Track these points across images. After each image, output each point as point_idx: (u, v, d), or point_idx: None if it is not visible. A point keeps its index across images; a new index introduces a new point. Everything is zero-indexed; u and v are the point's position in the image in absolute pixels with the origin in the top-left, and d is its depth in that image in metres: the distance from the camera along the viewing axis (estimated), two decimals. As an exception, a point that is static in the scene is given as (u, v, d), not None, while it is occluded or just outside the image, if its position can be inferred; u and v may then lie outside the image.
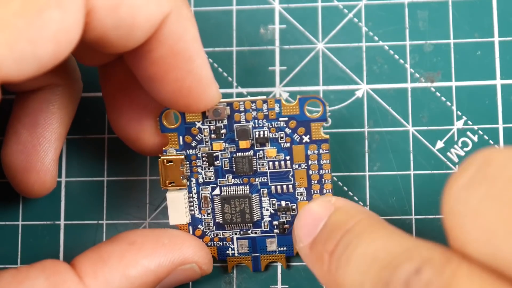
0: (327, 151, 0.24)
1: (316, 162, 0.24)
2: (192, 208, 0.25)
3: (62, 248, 0.27)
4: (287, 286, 0.26)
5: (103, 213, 0.27)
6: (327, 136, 0.24)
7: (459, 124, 0.27)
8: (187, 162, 0.25)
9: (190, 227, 0.25)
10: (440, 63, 0.27)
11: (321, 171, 0.25)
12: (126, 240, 0.22)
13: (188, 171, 0.25)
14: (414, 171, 0.26)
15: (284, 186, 0.25)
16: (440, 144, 0.26)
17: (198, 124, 0.24)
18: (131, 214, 0.27)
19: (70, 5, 0.17)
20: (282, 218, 0.25)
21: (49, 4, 0.17)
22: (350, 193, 0.26)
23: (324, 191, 0.25)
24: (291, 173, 0.25)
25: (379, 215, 0.26)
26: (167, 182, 0.25)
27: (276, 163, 0.25)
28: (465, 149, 0.26)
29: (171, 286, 0.23)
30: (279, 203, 0.25)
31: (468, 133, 0.26)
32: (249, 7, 0.28)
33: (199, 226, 0.25)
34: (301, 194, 0.25)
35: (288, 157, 0.25)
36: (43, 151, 0.24)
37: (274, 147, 0.24)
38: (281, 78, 0.27)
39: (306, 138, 0.24)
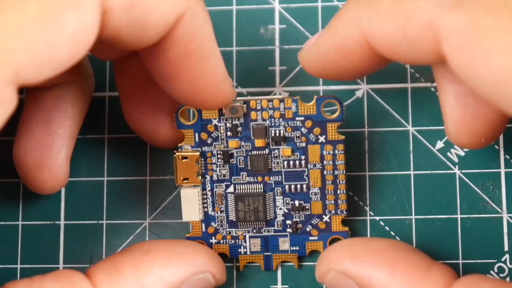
0: (343, 151, 0.25)
1: (331, 162, 0.25)
2: (206, 205, 0.25)
3: (62, 248, 0.27)
4: (287, 286, 0.26)
5: (103, 213, 0.27)
6: (343, 137, 0.24)
7: (459, 124, 0.27)
8: (202, 159, 0.25)
9: (203, 224, 0.25)
10: (440, 63, 0.27)
11: (335, 171, 0.25)
12: (140, 249, 0.22)
13: (203, 168, 0.25)
14: (414, 171, 0.26)
15: (298, 186, 0.25)
16: (440, 144, 0.26)
17: (215, 122, 0.25)
18: (131, 214, 0.27)
19: (86, 7, 0.17)
20: (296, 218, 0.25)
21: (66, 6, 0.17)
22: (350, 193, 0.26)
23: (338, 191, 0.25)
24: (306, 173, 0.25)
25: (379, 215, 0.26)
26: (181, 178, 0.25)
27: (291, 162, 0.25)
28: (465, 149, 0.26)
29: None
30: (293, 202, 0.25)
31: (468, 133, 0.26)
32: (249, 7, 0.28)
33: (212, 223, 0.25)
34: (315, 194, 0.25)
35: (303, 157, 0.25)
36: (56, 148, 0.24)
37: (290, 147, 0.25)
38: (281, 78, 0.27)
39: (322, 138, 0.24)
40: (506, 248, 0.26)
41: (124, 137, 0.28)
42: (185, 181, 0.25)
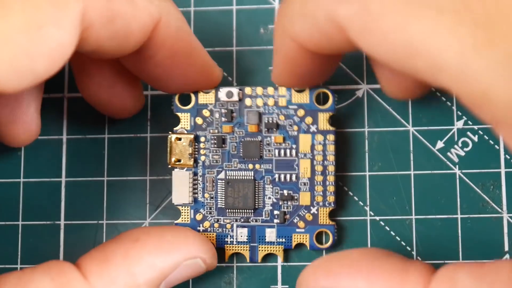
0: (333, 142, 0.25)
1: (321, 152, 0.25)
2: (196, 191, 0.25)
3: (62, 248, 0.27)
4: (287, 286, 0.26)
5: (103, 213, 0.27)
6: (334, 128, 0.25)
7: (459, 124, 0.27)
8: (196, 144, 0.25)
9: (192, 210, 0.26)
10: (440, 63, 0.27)
11: (325, 162, 0.25)
12: (129, 238, 0.23)
13: (196, 152, 0.25)
14: (414, 171, 0.26)
15: (288, 175, 0.25)
16: (440, 144, 0.26)
17: (210, 106, 0.25)
18: (131, 214, 0.27)
19: (66, 23, 0.18)
20: (284, 208, 0.25)
21: (48, 21, 0.17)
22: (350, 193, 0.26)
23: (327, 183, 0.25)
24: (296, 162, 0.25)
25: (379, 215, 0.26)
26: (174, 159, 0.25)
27: (282, 151, 0.25)
28: (465, 149, 0.26)
29: (177, 282, 0.23)
30: (282, 192, 0.25)
31: (468, 133, 0.26)
32: (249, 7, 0.28)
33: (201, 210, 0.25)
34: (304, 185, 0.25)
35: (294, 146, 0.25)
36: (26, 103, 0.24)
37: (282, 134, 0.25)
38: (281, 78, 0.27)
39: (313, 128, 0.25)
40: (506, 248, 0.26)
41: (124, 137, 0.28)
42: (177, 163, 0.25)
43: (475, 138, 0.26)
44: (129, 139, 0.28)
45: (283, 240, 0.25)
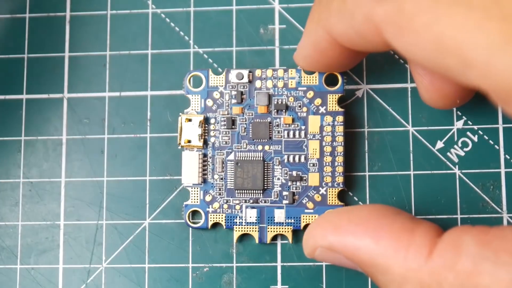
0: (342, 123, 0.25)
1: (330, 133, 0.25)
2: (206, 172, 0.26)
3: (62, 248, 0.27)
4: (287, 286, 0.26)
5: (103, 213, 0.27)
6: (343, 109, 0.25)
7: (459, 124, 0.27)
8: (206, 125, 0.26)
9: (202, 192, 0.26)
10: (440, 63, 0.27)
11: (334, 143, 0.25)
12: None
13: (206, 133, 0.26)
14: (414, 171, 0.26)
15: (297, 156, 0.25)
16: (440, 144, 0.26)
17: (221, 89, 0.26)
18: (131, 214, 0.27)
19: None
20: (292, 189, 0.25)
21: None
22: (350, 193, 0.26)
23: (336, 163, 0.25)
24: (305, 143, 0.25)
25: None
26: (185, 140, 0.26)
27: (291, 132, 0.25)
28: (465, 149, 0.26)
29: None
30: (291, 172, 0.25)
31: (468, 133, 0.26)
32: (249, 7, 0.28)
33: (210, 191, 0.26)
34: (313, 165, 0.25)
35: (303, 127, 0.25)
36: None
37: (291, 116, 0.25)
38: (281, 78, 0.27)
39: (322, 109, 0.25)
40: (506, 248, 0.25)
41: (124, 137, 0.28)
42: (188, 144, 0.25)
43: (475, 138, 0.26)
44: (129, 139, 0.28)
45: (292, 221, 0.25)
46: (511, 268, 0.16)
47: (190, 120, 0.26)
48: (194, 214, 0.26)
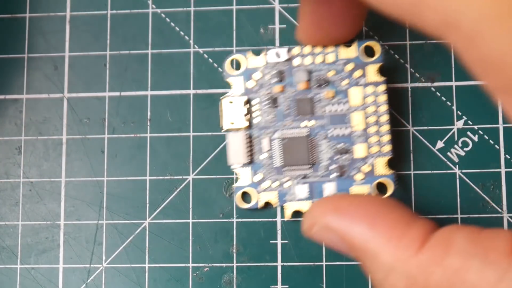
0: (384, 92, 0.25)
1: (373, 104, 0.25)
2: (252, 153, 0.26)
3: (62, 248, 0.27)
4: (287, 286, 0.26)
5: (103, 213, 0.27)
6: (384, 78, 0.25)
7: (459, 124, 0.27)
8: (249, 106, 0.26)
9: (251, 172, 0.26)
10: (440, 63, 0.27)
11: (377, 112, 0.25)
12: None
13: (249, 114, 0.26)
14: (414, 171, 0.26)
15: (342, 129, 0.25)
16: (440, 144, 0.26)
17: (261, 68, 0.26)
18: (131, 214, 0.27)
19: None
20: (340, 162, 0.25)
21: None
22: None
23: (381, 133, 0.25)
24: (348, 116, 0.25)
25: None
26: (229, 122, 0.26)
27: (334, 106, 0.26)
28: (465, 149, 0.26)
29: None
30: (337, 146, 0.25)
31: (468, 133, 0.26)
32: (249, 7, 0.28)
33: (259, 170, 0.26)
34: (359, 137, 0.25)
35: (345, 99, 0.25)
36: None
37: (333, 89, 0.26)
38: (281, 78, 0.27)
39: (363, 81, 0.25)
40: (506, 248, 0.25)
41: (124, 137, 0.28)
42: (231, 126, 0.26)
43: (475, 138, 0.26)
44: (129, 139, 0.28)
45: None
46: (499, 267, 0.16)
47: (231, 102, 0.26)
48: (243, 195, 0.26)
